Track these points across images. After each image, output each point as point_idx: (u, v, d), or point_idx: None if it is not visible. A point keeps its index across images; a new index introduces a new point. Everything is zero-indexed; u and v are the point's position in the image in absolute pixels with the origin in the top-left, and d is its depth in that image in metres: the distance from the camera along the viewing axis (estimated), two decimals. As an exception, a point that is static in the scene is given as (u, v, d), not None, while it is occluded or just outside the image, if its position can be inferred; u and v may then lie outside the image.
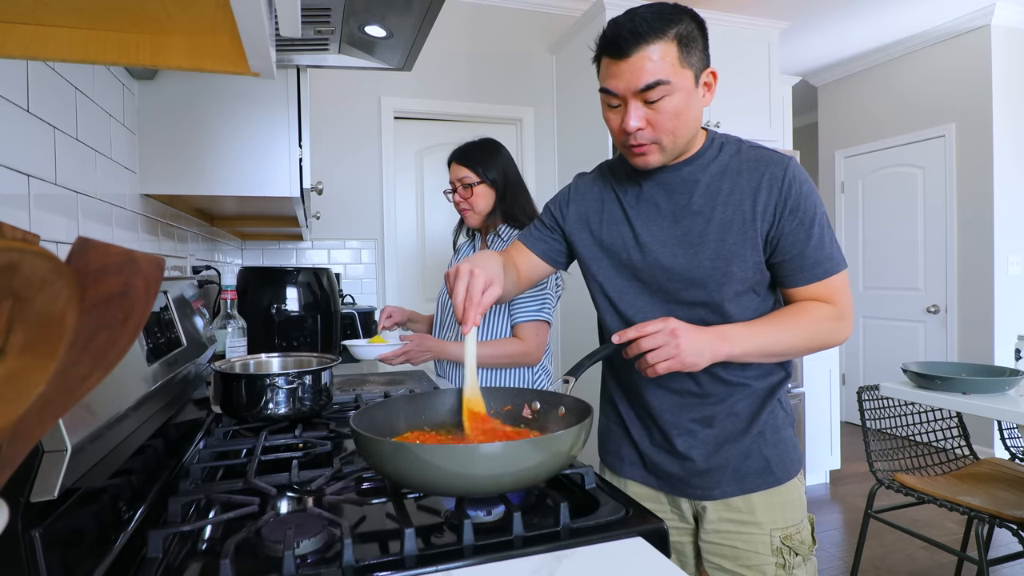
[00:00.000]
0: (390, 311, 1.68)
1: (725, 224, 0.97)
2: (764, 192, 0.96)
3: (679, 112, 0.92)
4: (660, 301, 1.03)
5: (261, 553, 0.68)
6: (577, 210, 1.13)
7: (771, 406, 1.05)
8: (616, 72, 0.91)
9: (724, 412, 1.03)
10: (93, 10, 0.56)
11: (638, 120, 0.92)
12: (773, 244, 0.97)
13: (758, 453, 1.03)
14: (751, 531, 1.03)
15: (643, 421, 1.10)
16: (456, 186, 1.66)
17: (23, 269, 0.24)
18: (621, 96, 0.93)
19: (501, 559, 0.67)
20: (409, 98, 3.43)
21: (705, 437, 1.04)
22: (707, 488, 1.04)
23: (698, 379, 1.03)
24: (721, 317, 1.00)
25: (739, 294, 0.99)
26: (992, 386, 2.01)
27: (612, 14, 2.95)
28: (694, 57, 0.92)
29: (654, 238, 1.02)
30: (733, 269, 0.97)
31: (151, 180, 1.38)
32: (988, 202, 3.74)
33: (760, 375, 1.04)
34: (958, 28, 3.82)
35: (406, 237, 3.56)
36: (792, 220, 0.95)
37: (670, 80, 0.89)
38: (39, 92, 0.85)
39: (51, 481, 0.54)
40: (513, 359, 1.55)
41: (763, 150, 1.00)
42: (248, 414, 1.15)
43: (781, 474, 1.04)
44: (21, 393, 0.27)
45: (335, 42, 1.23)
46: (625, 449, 1.13)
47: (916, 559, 2.59)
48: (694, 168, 1.01)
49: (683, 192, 1.01)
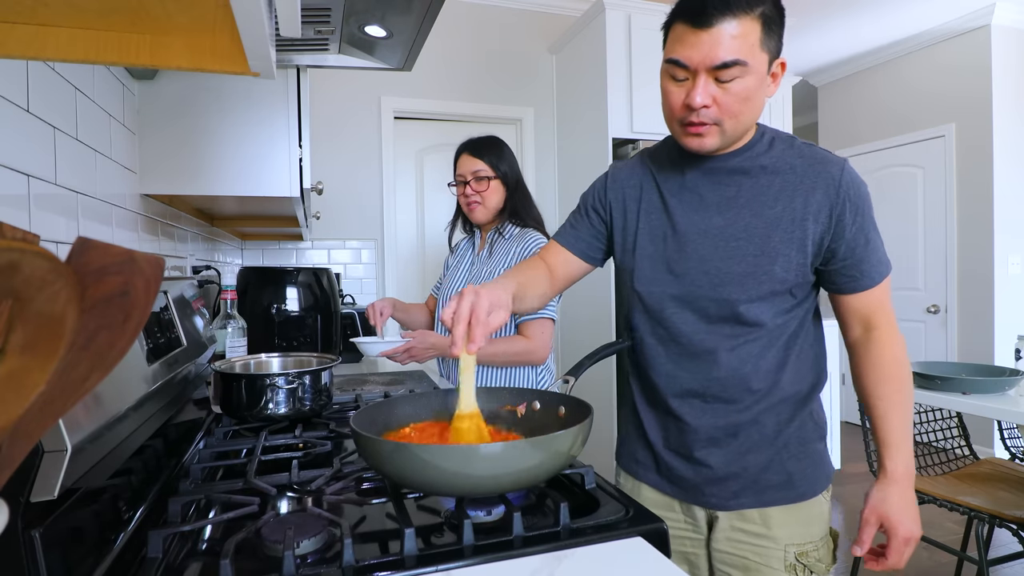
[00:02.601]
0: (380, 308, 1.59)
1: (774, 220, 0.93)
2: (819, 193, 0.92)
3: (748, 96, 0.87)
4: (691, 296, 0.98)
5: (261, 553, 0.68)
6: (615, 196, 1.08)
7: (800, 418, 0.99)
8: (694, 42, 0.85)
9: (749, 420, 0.98)
10: (93, 10, 0.56)
11: (705, 97, 0.87)
12: (831, 250, 0.93)
13: (780, 466, 0.98)
14: (764, 544, 0.98)
15: (662, 424, 1.06)
16: (468, 178, 1.62)
17: (23, 269, 0.24)
18: (692, 69, 0.87)
19: (501, 559, 0.67)
20: (409, 98, 3.43)
21: (726, 444, 0.99)
22: (722, 497, 1.00)
23: (725, 384, 0.98)
24: (753, 316, 0.95)
25: (777, 294, 0.95)
26: (992, 386, 2.00)
27: (612, 14, 2.96)
28: (772, 42, 0.87)
29: (694, 228, 0.98)
30: (776, 268, 0.93)
31: (151, 180, 1.37)
32: (988, 202, 3.74)
33: (792, 380, 0.98)
34: (958, 28, 3.82)
35: (406, 237, 3.56)
36: (852, 225, 0.92)
37: (748, 61, 0.84)
38: (39, 92, 0.85)
39: (51, 481, 0.54)
40: (519, 357, 1.54)
41: (817, 149, 0.96)
42: (248, 414, 1.15)
43: (805, 489, 0.99)
44: (21, 393, 0.27)
45: (335, 42, 1.23)
46: (641, 452, 1.10)
47: (916, 559, 2.58)
48: (743, 160, 0.96)
49: (730, 184, 0.96)
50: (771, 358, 0.97)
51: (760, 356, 0.97)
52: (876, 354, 0.96)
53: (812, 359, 1.02)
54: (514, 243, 1.58)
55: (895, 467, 0.93)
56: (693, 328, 0.99)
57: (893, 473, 0.93)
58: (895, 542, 0.91)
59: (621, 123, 2.99)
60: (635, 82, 2.98)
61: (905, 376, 0.97)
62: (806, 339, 1.01)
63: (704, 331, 0.98)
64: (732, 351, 0.97)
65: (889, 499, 0.92)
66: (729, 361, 0.97)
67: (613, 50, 2.98)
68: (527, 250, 1.55)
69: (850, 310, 0.99)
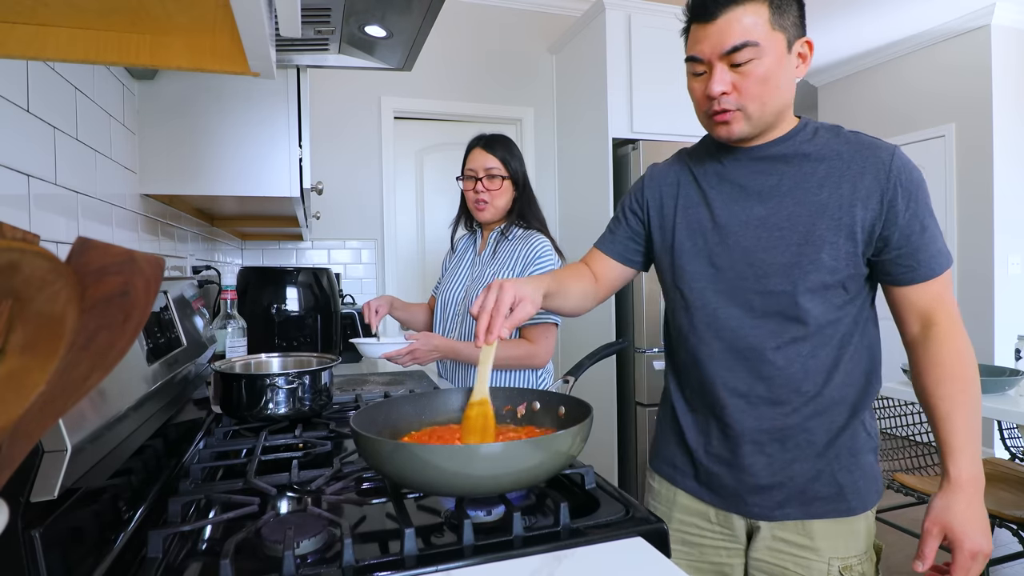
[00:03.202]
0: (375, 307, 1.56)
1: (819, 207, 0.90)
2: (868, 178, 0.88)
3: (767, 77, 0.86)
4: (735, 290, 0.95)
5: (261, 553, 0.68)
6: (652, 195, 1.07)
7: (853, 427, 0.95)
8: (703, 36, 0.87)
9: (797, 425, 0.93)
10: (93, 10, 0.56)
11: (722, 84, 0.87)
12: (884, 238, 0.89)
13: (830, 477, 0.93)
14: (807, 556, 0.93)
15: (704, 428, 1.01)
16: (480, 174, 1.58)
17: (23, 269, 0.24)
18: (707, 61, 0.88)
19: (501, 559, 0.67)
20: (409, 98, 3.43)
21: (773, 451, 0.95)
22: (766, 507, 0.95)
23: (772, 385, 0.94)
24: (801, 310, 0.91)
25: (827, 287, 0.90)
26: (992, 386, 2.00)
27: (612, 14, 2.96)
28: (787, 21, 0.87)
29: (735, 219, 0.95)
30: (823, 256, 0.89)
31: (151, 180, 1.37)
32: (988, 202, 3.74)
33: (844, 383, 0.94)
34: (958, 28, 3.82)
35: (406, 237, 3.56)
36: (906, 212, 0.88)
37: (759, 42, 0.84)
38: (39, 92, 0.85)
39: (51, 481, 0.54)
40: (521, 361, 1.54)
41: (865, 135, 0.93)
42: (248, 414, 1.15)
43: (855, 503, 0.94)
44: (21, 393, 0.27)
45: (335, 42, 1.23)
46: (679, 457, 1.05)
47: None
48: (784, 148, 0.94)
49: (771, 172, 0.94)
50: (822, 358, 0.93)
51: (810, 355, 0.92)
52: (936, 351, 0.90)
53: (866, 362, 0.96)
54: (518, 244, 1.57)
55: (959, 473, 0.86)
56: (738, 324, 0.95)
57: (957, 479, 0.87)
58: (960, 556, 0.85)
59: (621, 123, 2.99)
60: (635, 82, 2.98)
61: (970, 375, 0.89)
62: (861, 340, 0.95)
63: (750, 327, 0.94)
64: (780, 349, 0.93)
65: (953, 508, 0.86)
66: (777, 360, 0.93)
67: (613, 50, 2.98)
68: (532, 252, 1.54)
69: (907, 304, 0.93)
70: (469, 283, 1.66)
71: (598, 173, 3.08)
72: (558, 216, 3.62)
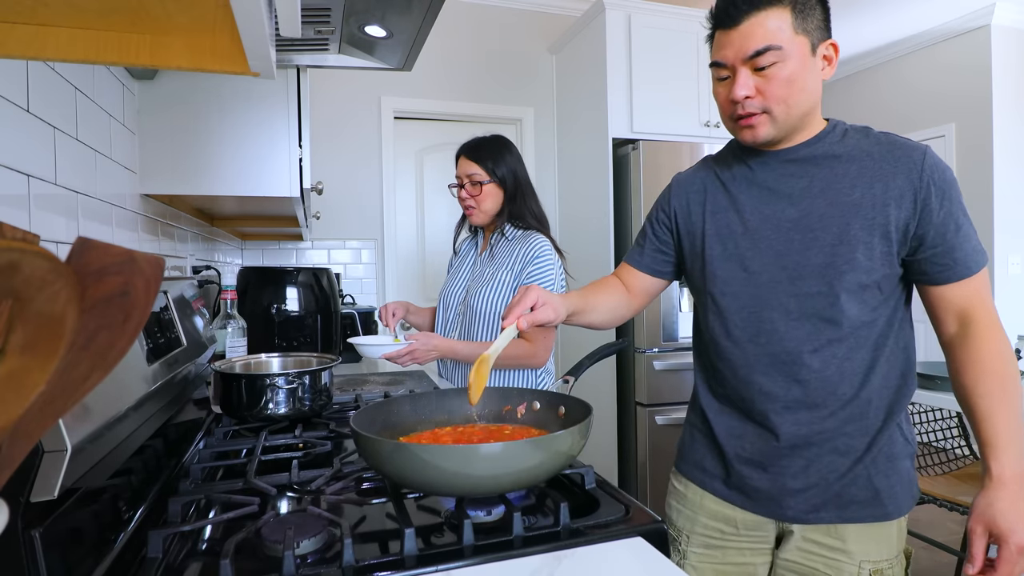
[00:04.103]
0: (392, 309, 1.62)
1: (852, 207, 0.90)
2: (901, 177, 0.89)
3: (792, 79, 0.87)
4: (769, 293, 0.94)
5: (261, 553, 0.68)
6: (679, 203, 1.07)
7: (889, 431, 0.94)
8: (726, 42, 0.89)
9: (834, 429, 0.93)
10: (93, 10, 0.56)
11: (746, 88, 0.88)
12: (918, 237, 0.89)
13: (866, 481, 0.93)
14: (838, 558, 0.93)
15: (738, 432, 1.00)
16: (464, 181, 1.61)
17: (23, 269, 0.24)
18: (730, 66, 0.89)
19: (501, 559, 0.67)
20: (409, 98, 3.43)
21: (809, 454, 0.94)
22: (801, 510, 0.94)
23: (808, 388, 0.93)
24: (837, 312, 0.90)
25: (863, 287, 0.90)
26: (992, 386, 2.00)
27: (612, 14, 2.96)
28: (811, 24, 0.88)
29: (766, 223, 0.95)
30: (858, 256, 0.89)
31: (151, 180, 1.37)
32: (988, 202, 3.74)
33: (881, 385, 0.93)
34: (958, 28, 3.82)
35: (406, 237, 3.56)
36: (940, 210, 0.88)
37: (782, 46, 0.86)
38: (39, 92, 0.85)
39: (51, 481, 0.54)
40: (520, 361, 1.54)
41: (896, 136, 0.94)
42: (248, 414, 1.15)
43: (892, 509, 0.93)
44: (21, 393, 0.27)
45: (335, 42, 1.23)
46: (709, 461, 1.04)
47: (916, 559, 2.58)
48: (813, 149, 0.94)
49: (801, 175, 0.94)
50: (859, 360, 0.92)
51: (847, 358, 0.92)
52: (975, 348, 0.89)
53: (902, 363, 0.96)
54: (517, 245, 1.58)
55: (1002, 470, 0.85)
56: (772, 327, 0.94)
57: (1000, 476, 0.85)
58: (1006, 551, 0.83)
59: (621, 123, 2.99)
60: (635, 82, 2.98)
61: (1011, 372, 0.89)
62: (897, 341, 0.95)
63: (784, 330, 0.94)
64: (816, 352, 0.92)
65: (996, 504, 0.84)
66: (813, 363, 0.92)
67: (613, 50, 2.98)
68: (530, 252, 1.54)
69: (944, 303, 0.92)
70: (469, 283, 1.67)
71: (598, 173, 3.08)
72: (558, 216, 3.62)
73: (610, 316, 1.10)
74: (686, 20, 3.01)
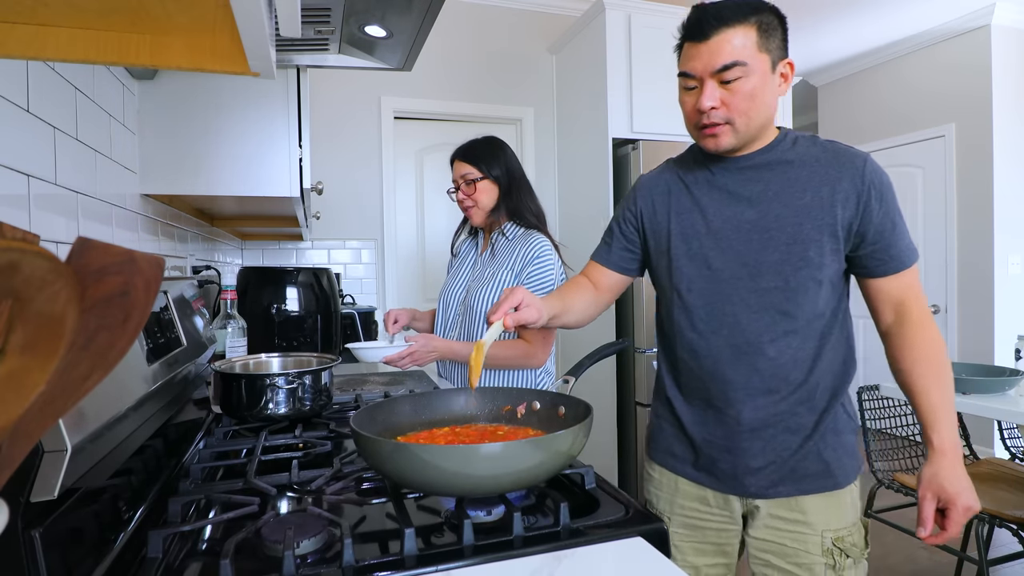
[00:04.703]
0: (395, 315, 1.64)
1: (803, 209, 0.98)
2: (846, 181, 0.97)
3: (754, 94, 0.95)
4: (731, 289, 1.02)
5: (261, 553, 0.68)
6: (644, 204, 1.14)
7: (834, 409, 1.03)
8: (696, 54, 0.95)
9: (788, 411, 1.02)
10: (93, 10, 0.56)
11: (712, 99, 0.95)
12: (861, 234, 0.98)
13: (817, 456, 1.02)
14: (802, 531, 1.01)
15: (702, 418, 1.08)
16: (459, 183, 1.63)
17: (23, 269, 0.24)
18: (698, 77, 0.96)
19: (501, 559, 0.67)
20: (409, 98, 3.43)
21: (767, 435, 1.02)
22: (762, 486, 1.03)
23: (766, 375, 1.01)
24: (792, 305, 0.99)
25: (815, 282, 0.99)
26: (992, 386, 2.01)
27: (612, 14, 2.96)
28: (772, 44, 0.95)
29: (727, 223, 1.03)
30: (810, 254, 0.98)
31: (151, 180, 1.37)
32: (988, 202, 3.74)
33: (826, 370, 1.02)
34: (958, 28, 3.82)
35: (406, 237, 3.56)
36: (879, 211, 0.97)
37: (747, 62, 0.93)
38: (39, 92, 0.85)
39: (51, 481, 0.54)
40: (519, 361, 1.54)
41: (840, 144, 1.03)
42: (248, 414, 1.15)
43: (841, 478, 1.03)
44: (21, 393, 0.27)
45: (335, 42, 1.23)
46: (678, 447, 1.12)
47: (916, 559, 2.59)
48: (768, 156, 1.02)
49: (758, 180, 1.02)
50: (809, 349, 1.01)
51: (799, 347, 1.00)
52: (911, 335, 0.99)
53: (844, 351, 1.05)
54: (517, 244, 1.58)
55: (941, 441, 0.96)
56: (735, 320, 1.02)
57: (940, 447, 0.96)
58: (954, 513, 0.93)
59: (621, 123, 2.99)
60: (635, 82, 2.98)
61: (943, 357, 0.99)
62: (840, 331, 1.04)
63: (746, 323, 1.01)
64: (773, 342, 1.00)
65: (941, 472, 0.94)
66: (771, 352, 1.00)
67: (613, 50, 2.98)
68: (531, 252, 1.54)
69: (882, 295, 1.02)
70: (470, 282, 1.67)
71: (598, 173, 3.08)
72: (558, 216, 3.62)
73: (583, 316, 1.17)
74: (686, 20, 3.01)
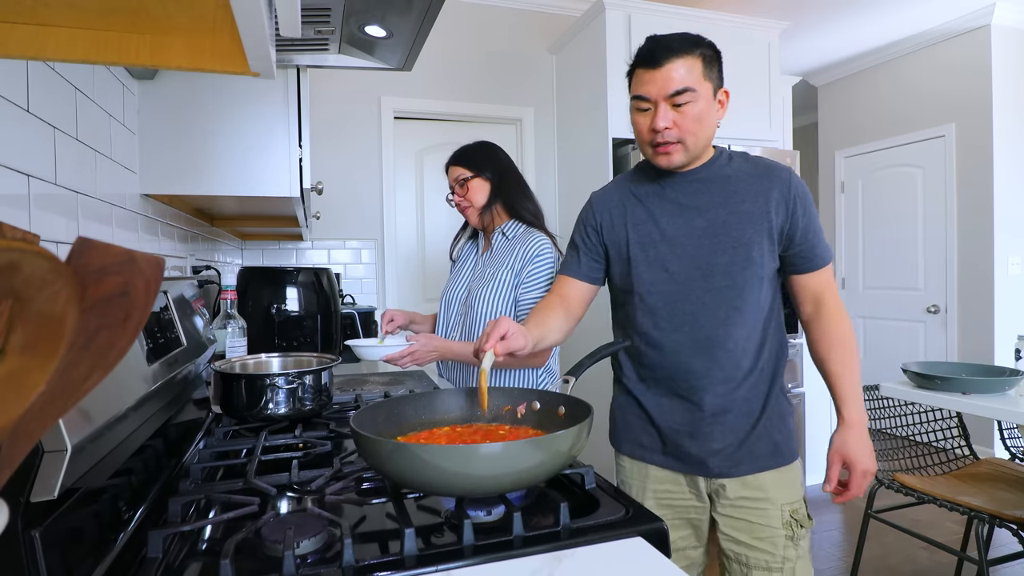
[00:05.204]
0: (391, 315, 1.65)
1: (745, 216, 1.12)
2: (776, 191, 1.13)
3: (700, 117, 1.08)
4: (688, 290, 1.14)
5: (261, 553, 0.68)
6: (603, 217, 1.25)
7: (776, 394, 1.17)
8: (649, 79, 1.08)
9: (742, 397, 1.14)
10: (93, 10, 0.56)
11: (666, 120, 1.08)
12: (790, 236, 1.13)
13: (767, 436, 1.15)
14: (765, 507, 1.14)
15: (668, 408, 1.19)
16: (454, 186, 1.66)
17: (23, 269, 0.24)
18: (652, 100, 1.08)
19: (501, 559, 0.67)
20: (409, 98, 3.43)
21: (725, 420, 1.14)
22: (725, 467, 1.14)
23: (723, 365, 1.13)
24: (741, 301, 1.12)
25: (759, 279, 1.13)
26: (992, 386, 2.00)
27: (612, 14, 2.97)
28: (713, 73, 1.10)
29: (681, 231, 1.15)
30: (753, 255, 1.11)
31: (151, 180, 1.37)
32: (988, 202, 3.74)
33: (768, 358, 1.17)
34: (958, 28, 3.82)
35: (406, 237, 3.56)
36: (804, 217, 1.13)
37: (695, 88, 1.07)
38: (39, 92, 0.85)
39: (51, 481, 0.54)
40: (520, 361, 1.54)
41: (767, 159, 1.19)
42: (248, 414, 1.15)
43: (788, 455, 1.17)
44: (21, 393, 0.27)
45: (335, 42, 1.23)
46: (646, 437, 1.23)
47: (916, 559, 2.59)
48: (710, 172, 1.16)
49: (704, 191, 1.15)
50: (755, 339, 1.15)
51: (748, 338, 1.14)
52: (827, 324, 1.17)
53: (780, 338, 1.20)
54: (517, 244, 1.58)
55: (851, 415, 1.14)
56: (693, 317, 1.14)
57: (849, 420, 1.13)
58: (855, 476, 1.11)
59: (621, 123, 2.99)
60: (635, 82, 2.98)
61: (854, 343, 1.17)
62: (777, 322, 1.18)
63: (704, 319, 1.13)
64: (729, 335, 1.13)
65: (849, 441, 1.12)
66: (727, 343, 1.13)
67: (613, 50, 2.98)
68: (531, 251, 1.55)
69: (804, 289, 1.18)
70: (472, 282, 1.67)
71: (598, 173, 3.08)
72: (558, 216, 3.61)
73: (560, 334, 1.27)
74: (686, 20, 3.01)
